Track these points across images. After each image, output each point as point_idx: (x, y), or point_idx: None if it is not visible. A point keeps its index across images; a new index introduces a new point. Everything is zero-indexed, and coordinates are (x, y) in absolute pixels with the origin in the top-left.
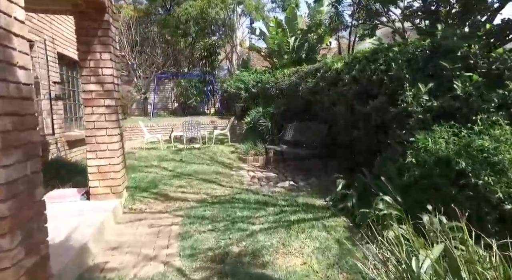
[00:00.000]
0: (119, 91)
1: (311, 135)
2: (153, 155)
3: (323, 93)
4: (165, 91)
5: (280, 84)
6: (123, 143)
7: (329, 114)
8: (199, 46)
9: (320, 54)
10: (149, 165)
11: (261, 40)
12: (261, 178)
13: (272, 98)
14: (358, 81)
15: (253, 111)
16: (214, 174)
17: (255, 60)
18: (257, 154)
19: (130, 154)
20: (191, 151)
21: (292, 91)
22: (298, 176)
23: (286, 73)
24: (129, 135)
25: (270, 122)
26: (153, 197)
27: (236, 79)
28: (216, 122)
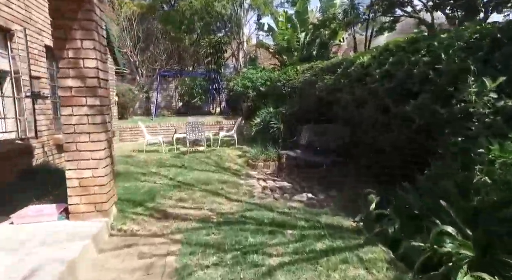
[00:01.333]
0: (107, 87)
1: (330, 139)
2: (152, 160)
3: (345, 91)
4: (169, 90)
5: (292, 82)
6: (111, 151)
7: (352, 115)
8: (204, 43)
9: (332, 50)
10: (147, 172)
11: (269, 37)
12: (274, 188)
13: (283, 97)
14: (392, 76)
15: (263, 111)
16: (220, 183)
17: (262, 58)
18: (267, 159)
19: (128, 158)
20: (194, 154)
21: (307, 90)
22: (316, 187)
23: (299, 70)
24: (129, 136)
25: (282, 123)
26: (148, 213)
27: (243, 77)
28: (221, 123)
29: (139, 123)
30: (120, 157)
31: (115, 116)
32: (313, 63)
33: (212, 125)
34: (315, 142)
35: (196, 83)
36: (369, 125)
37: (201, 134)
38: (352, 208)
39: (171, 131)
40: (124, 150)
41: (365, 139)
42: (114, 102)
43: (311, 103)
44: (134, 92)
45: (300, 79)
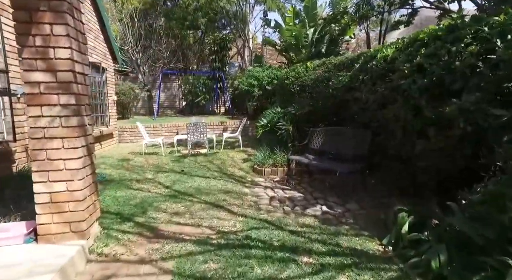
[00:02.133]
0: (86, 83)
1: (347, 143)
2: (150, 164)
3: (364, 89)
4: (172, 89)
5: (302, 80)
6: (92, 159)
7: (373, 117)
8: (208, 40)
9: (343, 47)
10: (142, 179)
11: (275, 34)
12: (283, 199)
13: (291, 96)
14: (425, 71)
15: (270, 112)
16: (222, 193)
17: (268, 56)
18: (275, 164)
19: (124, 162)
20: (195, 158)
21: (319, 88)
22: (331, 198)
23: (309, 66)
24: (129, 137)
25: (291, 125)
26: (136, 231)
27: (248, 76)
28: (226, 123)
29: (137, 123)
30: (116, 160)
31: (114, 116)
32: (325, 59)
33: (216, 126)
34: (329, 147)
35: (200, 82)
36: (395, 129)
37: (203, 135)
38: (376, 226)
39: (174, 132)
40: (122, 152)
41: (389, 145)
42: (113, 102)
43: (324, 103)
44: (135, 91)
45: (311, 76)
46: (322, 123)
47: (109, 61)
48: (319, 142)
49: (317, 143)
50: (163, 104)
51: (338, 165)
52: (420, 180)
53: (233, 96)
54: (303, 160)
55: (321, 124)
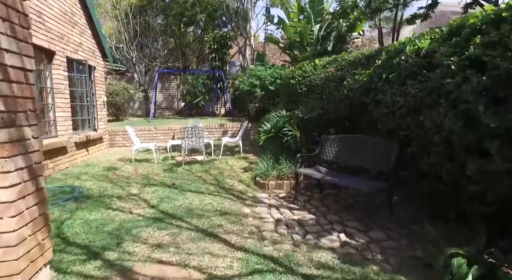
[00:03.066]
0: (28, 82)
1: (368, 155)
2: (139, 173)
3: (389, 90)
4: (170, 89)
5: (310, 79)
6: (40, 183)
7: (402, 124)
8: (208, 38)
9: (352, 45)
10: (126, 195)
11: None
12: (291, 223)
13: (298, 97)
14: (483, 65)
15: (273, 115)
16: (218, 215)
17: (270, 55)
18: (281, 177)
19: (110, 171)
20: (190, 166)
21: (331, 89)
22: (350, 222)
23: (318, 64)
24: (122, 140)
25: (299, 131)
26: (103, 276)
27: (250, 75)
28: (225, 126)
29: (127, 127)
30: (102, 169)
31: (104, 119)
32: (337, 56)
33: (215, 129)
34: (345, 159)
35: (199, 82)
36: (434, 142)
37: (200, 141)
38: (415, 268)
39: (170, 136)
40: (111, 159)
41: (423, 160)
42: (103, 103)
43: (336, 105)
44: (129, 91)
45: (320, 75)
46: (334, 129)
47: (98, 59)
48: (332, 152)
49: (331, 153)
50: (161, 105)
51: (361, 183)
52: (468, 207)
53: (234, 96)
54: (314, 175)
55: (332, 129)
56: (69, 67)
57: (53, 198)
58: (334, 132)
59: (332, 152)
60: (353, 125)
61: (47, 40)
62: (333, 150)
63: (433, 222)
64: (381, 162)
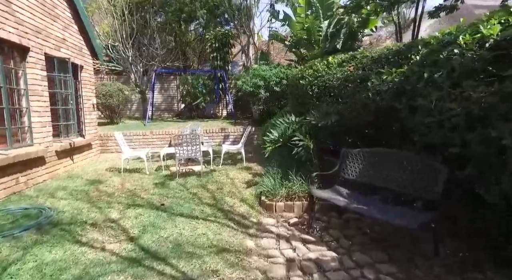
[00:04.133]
0: None
1: (402, 176)
2: (125, 189)
3: (433, 93)
4: (169, 90)
5: (324, 80)
6: None
7: (452, 138)
8: (209, 36)
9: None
10: (103, 221)
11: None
12: (307, 267)
13: (308, 100)
14: None
15: (281, 121)
16: (213, 252)
17: (274, 55)
18: (291, 196)
19: (93, 185)
20: (186, 179)
21: (351, 91)
22: (383, 264)
23: (332, 62)
24: (115, 146)
25: (311, 140)
26: None
27: (253, 75)
28: (227, 130)
29: (115, 133)
30: (84, 183)
31: (94, 123)
32: (356, 52)
33: (216, 133)
34: (373, 179)
35: (200, 82)
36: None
37: (196, 150)
38: None
39: (167, 141)
40: (99, 168)
41: (488, 189)
42: (93, 106)
43: (357, 111)
44: (124, 92)
45: (336, 74)
46: (352, 138)
47: (87, 58)
48: (356, 169)
49: (354, 171)
50: (160, 106)
51: (401, 216)
52: None
53: (236, 98)
54: (335, 200)
55: (349, 137)
56: (49, 66)
57: (11, 225)
58: (352, 141)
59: (355, 169)
60: (377, 135)
61: (17, 33)
62: (357, 167)
63: (496, 269)
64: (426, 187)
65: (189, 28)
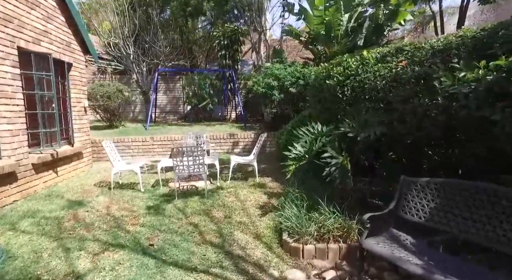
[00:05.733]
0: None
1: (503, 223)
2: (110, 215)
3: None
4: (175, 91)
5: (361, 79)
6: None
7: None
8: (217, 33)
9: (398, 37)
10: (62, 276)
11: (299, 23)
12: None
13: (337, 104)
14: None
15: (305, 131)
16: None
17: (286, 54)
18: (323, 235)
19: (71, 209)
20: (186, 202)
21: (405, 95)
22: None
23: (368, 57)
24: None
25: (348, 159)
26: None
27: (266, 74)
28: (236, 136)
29: (103, 143)
30: (61, 205)
31: (85, 129)
32: (404, 44)
33: (223, 139)
34: (455, 226)
35: (207, 83)
36: None
37: (200, 165)
38: None
39: (169, 148)
40: (86, 183)
41: None
42: (84, 109)
43: (419, 121)
44: (124, 93)
45: (379, 72)
46: (402, 154)
47: (77, 54)
48: (425, 209)
49: (421, 210)
50: (165, 108)
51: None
52: None
53: (246, 99)
54: (406, 265)
55: (395, 154)
56: (26, 63)
57: None
58: (396, 157)
59: (423, 208)
60: (447, 157)
61: None
62: (425, 205)
63: None
64: None
65: (196, 24)
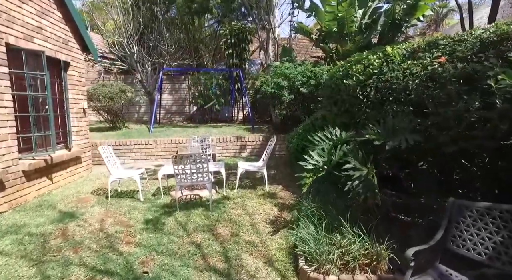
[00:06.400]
0: None
1: None
2: (102, 233)
3: None
4: (181, 91)
5: (387, 78)
6: None
7: None
8: (224, 31)
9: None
10: None
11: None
12: None
13: (357, 107)
14: None
15: (321, 137)
16: None
17: (296, 50)
18: (347, 263)
19: (61, 224)
20: (188, 215)
21: (448, 96)
22: None
23: (394, 53)
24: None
25: (373, 171)
26: None
27: (275, 74)
28: (243, 139)
29: (99, 148)
30: (51, 219)
31: (84, 132)
32: (439, 36)
33: (230, 142)
34: None
35: (213, 83)
36: None
37: (204, 175)
38: None
39: (173, 151)
40: (82, 191)
41: None
42: (82, 111)
43: (471, 131)
44: (127, 94)
45: (411, 70)
46: (440, 169)
47: (75, 52)
48: (485, 242)
49: (480, 244)
50: (171, 109)
51: None
52: None
53: (253, 100)
54: None
55: (425, 163)
56: (16, 61)
57: None
58: (428, 168)
59: (485, 242)
60: (488, 165)
61: None
62: (486, 237)
63: None
64: None
65: (202, 23)
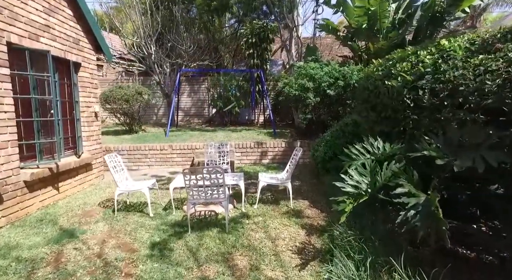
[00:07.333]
0: None
1: None
2: (104, 253)
3: None
4: (200, 93)
5: (448, 78)
6: None
7: None
8: (244, 30)
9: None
10: None
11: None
12: None
13: (403, 113)
14: None
15: (359, 150)
16: None
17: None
18: None
19: (55, 246)
20: (201, 238)
21: None
22: None
23: (455, 47)
24: (128, 163)
25: (436, 196)
26: None
27: (299, 74)
28: (265, 145)
29: (105, 157)
30: (48, 238)
31: (95, 137)
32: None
33: (250, 148)
34: None
35: (233, 84)
36: None
37: (220, 191)
38: None
39: (189, 157)
40: (89, 202)
41: None
42: (94, 115)
43: None
44: (144, 96)
45: (488, 67)
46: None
47: (86, 53)
48: None
49: None
50: (189, 111)
51: None
52: None
53: (275, 102)
54: None
55: (500, 187)
56: (19, 62)
57: None
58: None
59: None
60: None
61: None
62: None
63: None
64: None
65: (222, 22)
